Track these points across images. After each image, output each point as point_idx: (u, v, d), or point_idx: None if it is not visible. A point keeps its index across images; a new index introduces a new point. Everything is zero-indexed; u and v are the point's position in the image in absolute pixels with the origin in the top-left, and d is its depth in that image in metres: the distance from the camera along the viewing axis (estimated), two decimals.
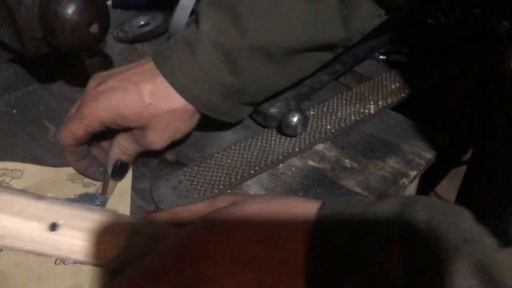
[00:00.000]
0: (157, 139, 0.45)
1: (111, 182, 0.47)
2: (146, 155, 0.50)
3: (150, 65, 0.45)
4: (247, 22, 0.44)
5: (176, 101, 0.44)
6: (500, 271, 0.24)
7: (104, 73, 0.47)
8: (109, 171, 0.47)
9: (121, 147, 0.46)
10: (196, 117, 0.47)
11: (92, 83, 0.46)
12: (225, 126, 0.55)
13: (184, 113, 0.45)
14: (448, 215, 0.28)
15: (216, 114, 0.47)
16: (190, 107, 0.45)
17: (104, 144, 0.49)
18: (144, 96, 0.43)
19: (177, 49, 0.45)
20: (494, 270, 0.24)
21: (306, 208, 0.32)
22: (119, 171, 0.47)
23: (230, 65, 0.44)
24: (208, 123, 0.55)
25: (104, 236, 0.34)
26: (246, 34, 0.44)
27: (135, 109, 0.43)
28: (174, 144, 0.49)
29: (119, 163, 0.47)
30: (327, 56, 0.51)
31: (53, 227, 0.32)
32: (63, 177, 0.48)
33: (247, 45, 0.44)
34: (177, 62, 0.44)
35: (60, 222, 0.33)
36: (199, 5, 0.46)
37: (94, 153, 0.49)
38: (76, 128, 0.44)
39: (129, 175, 0.48)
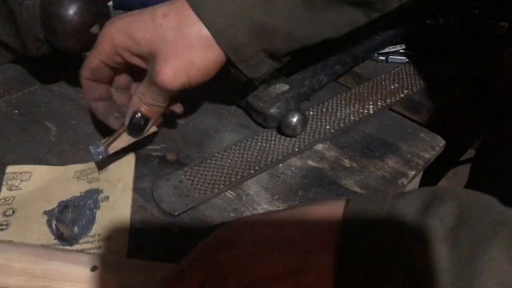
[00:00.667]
0: (167, 70, 0.41)
1: (123, 137, 0.44)
2: (146, 155, 0.50)
3: None
4: None
5: (192, 27, 0.40)
6: None
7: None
8: (126, 121, 0.44)
9: (140, 95, 0.44)
10: (214, 57, 0.42)
11: (112, 19, 0.44)
12: (225, 126, 0.56)
13: (198, 39, 0.41)
14: (479, 201, 0.28)
15: (237, 56, 0.43)
16: (208, 38, 0.41)
17: (129, 89, 0.48)
18: (157, 17, 0.41)
19: None
20: None
21: (331, 208, 0.31)
22: (136, 124, 0.44)
23: (265, 1, 0.41)
24: (208, 124, 0.56)
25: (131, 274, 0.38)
26: None
27: (145, 30, 0.40)
28: (171, 145, 0.49)
29: (138, 114, 0.44)
30: (361, 18, 0.47)
31: (94, 268, 0.37)
32: (69, 175, 0.48)
33: None
34: None
35: (97, 264, 0.38)
36: None
37: (117, 99, 0.47)
38: (92, 58, 0.42)
39: (131, 168, 0.49)
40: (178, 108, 0.50)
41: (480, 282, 0.23)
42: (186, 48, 0.41)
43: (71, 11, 0.45)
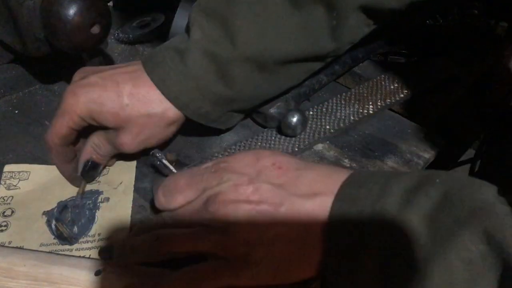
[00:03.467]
0: (128, 141, 0.45)
1: (83, 182, 0.47)
2: (146, 155, 0.50)
3: (136, 68, 0.45)
4: (238, 32, 0.44)
5: (154, 106, 0.44)
6: (509, 241, 0.26)
7: (89, 68, 0.47)
8: (79, 170, 0.46)
9: (94, 146, 0.46)
10: (173, 127, 0.47)
11: (76, 76, 0.46)
12: None
13: (161, 119, 0.45)
14: (465, 187, 0.30)
15: (206, 121, 0.47)
16: (168, 114, 0.45)
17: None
18: (123, 96, 0.43)
19: (168, 56, 0.45)
20: (504, 237, 0.26)
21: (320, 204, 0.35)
22: (88, 170, 0.46)
23: (221, 75, 0.45)
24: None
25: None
26: (237, 44, 0.44)
27: (112, 108, 0.43)
28: (171, 145, 0.49)
29: (89, 162, 0.46)
30: (317, 65, 0.52)
31: (97, 273, 0.38)
32: None
33: (238, 55, 0.44)
34: (167, 69, 0.44)
35: (101, 269, 0.38)
36: (191, 13, 0.46)
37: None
38: (59, 125, 0.44)
39: (132, 172, 0.49)
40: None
41: (447, 258, 0.28)
42: (149, 125, 0.45)
43: (72, 11, 0.45)
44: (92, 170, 0.47)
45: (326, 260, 0.35)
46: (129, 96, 0.43)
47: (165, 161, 0.46)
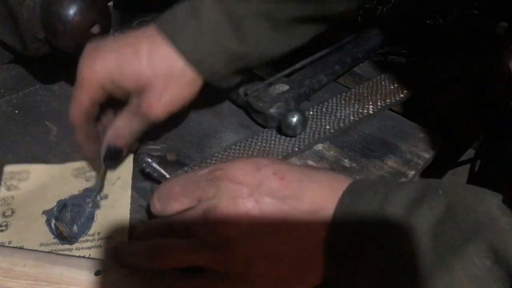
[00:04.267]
0: (154, 103, 0.43)
1: (103, 170, 0.46)
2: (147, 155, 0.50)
3: (150, 29, 0.44)
4: None
5: (173, 64, 0.43)
6: None
7: (99, 40, 0.46)
8: (102, 155, 0.45)
9: (116, 128, 0.45)
10: (194, 86, 0.45)
11: (87, 49, 0.44)
12: (225, 126, 0.56)
13: (182, 78, 0.44)
14: (468, 199, 0.30)
15: (215, 79, 0.46)
16: (189, 71, 0.44)
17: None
18: (141, 57, 0.42)
19: (181, 13, 0.44)
20: (509, 251, 0.26)
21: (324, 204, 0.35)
22: (111, 156, 0.45)
23: (235, 29, 0.44)
24: (208, 124, 0.56)
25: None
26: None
27: (132, 70, 0.42)
28: (172, 145, 0.49)
29: (112, 148, 0.45)
30: (324, 27, 0.51)
31: (97, 273, 0.38)
32: (67, 174, 0.48)
33: (252, 10, 0.44)
34: (181, 25, 0.43)
35: (101, 269, 0.38)
36: None
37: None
38: (79, 98, 0.43)
39: (129, 166, 0.49)
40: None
41: (452, 271, 0.27)
42: (172, 83, 0.43)
43: (71, 11, 0.45)
44: (114, 157, 0.46)
45: (326, 268, 0.34)
46: (148, 56, 0.43)
47: (155, 165, 0.45)
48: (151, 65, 0.43)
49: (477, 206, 0.29)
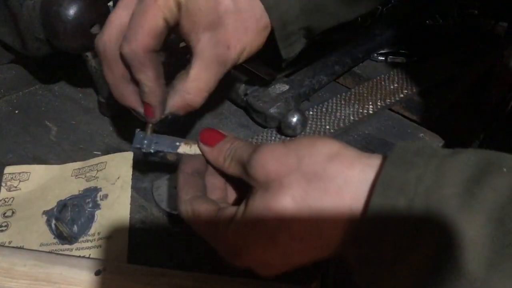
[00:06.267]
0: (233, 41, 0.39)
1: (150, 127, 0.40)
2: (147, 155, 0.51)
3: None
4: None
5: (257, 8, 0.40)
6: None
7: None
8: (158, 118, 0.40)
9: (185, 94, 0.39)
10: (264, 33, 0.42)
11: None
12: (225, 126, 0.56)
13: (259, 22, 0.40)
14: None
15: (281, 33, 0.43)
16: (263, 17, 0.40)
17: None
18: None
19: None
20: None
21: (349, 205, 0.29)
22: (169, 123, 0.41)
23: None
24: (208, 124, 0.56)
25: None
26: None
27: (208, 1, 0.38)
28: None
29: (170, 116, 0.40)
30: None
31: (97, 273, 0.38)
32: (67, 174, 0.48)
33: None
34: None
35: (101, 269, 0.38)
36: None
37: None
38: (153, 18, 0.35)
39: (129, 165, 0.49)
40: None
41: None
42: (251, 26, 0.40)
43: (72, 11, 0.45)
44: (170, 125, 0.42)
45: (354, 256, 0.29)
46: None
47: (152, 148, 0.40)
48: (228, 2, 0.38)
49: None
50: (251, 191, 0.32)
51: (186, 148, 0.38)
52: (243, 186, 0.34)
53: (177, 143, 0.39)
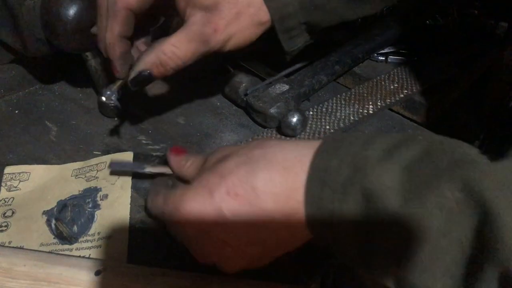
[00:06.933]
0: (222, 26, 0.40)
1: (120, 82, 0.43)
2: (147, 155, 0.50)
3: None
4: None
5: (254, 0, 0.41)
6: (487, 188, 0.26)
7: None
8: (130, 76, 0.42)
9: (162, 54, 0.41)
10: (261, 28, 0.43)
11: None
12: (225, 126, 0.56)
13: (255, 15, 0.42)
14: (446, 144, 0.30)
15: (281, 25, 0.44)
16: (262, 12, 0.42)
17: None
18: None
19: None
20: (482, 184, 0.26)
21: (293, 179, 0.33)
22: (139, 81, 0.42)
23: None
24: (208, 124, 0.56)
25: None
26: None
27: None
28: (175, 143, 0.49)
29: (146, 72, 0.41)
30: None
31: (97, 273, 0.38)
32: (67, 174, 0.48)
33: None
34: None
35: (101, 269, 0.38)
36: None
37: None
38: (119, 4, 0.40)
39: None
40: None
41: (425, 202, 0.27)
42: (245, 17, 0.41)
43: (72, 11, 0.45)
44: (142, 82, 0.42)
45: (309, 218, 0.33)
46: None
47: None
48: None
49: (454, 149, 0.30)
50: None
51: (151, 169, 0.46)
52: None
53: (145, 165, 0.46)
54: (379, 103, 0.58)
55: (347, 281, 0.40)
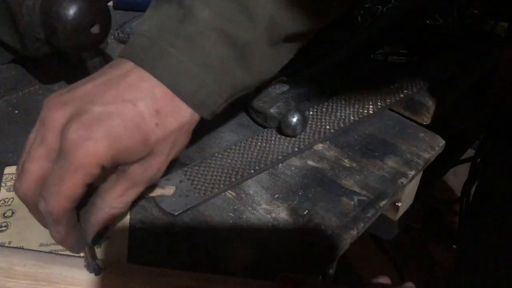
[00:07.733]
0: (163, 163, 0.37)
1: (88, 249, 0.38)
2: None
3: (134, 71, 0.35)
4: (253, 4, 0.37)
5: (184, 113, 0.36)
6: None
7: (65, 96, 0.35)
8: (89, 238, 0.37)
9: (112, 207, 0.37)
10: (193, 127, 0.39)
11: (56, 114, 0.34)
12: (225, 126, 0.56)
13: (190, 125, 0.38)
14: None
15: (212, 116, 0.40)
16: (196, 116, 0.38)
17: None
18: (147, 116, 0.34)
19: (171, 44, 0.35)
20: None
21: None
22: (100, 236, 0.38)
23: (241, 59, 0.37)
24: (208, 124, 0.56)
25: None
26: (255, 20, 0.37)
27: (140, 136, 0.34)
28: None
29: (103, 229, 0.38)
30: (312, 36, 0.46)
31: (97, 273, 0.38)
32: None
33: (258, 33, 0.38)
34: (176, 61, 0.35)
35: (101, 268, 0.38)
36: None
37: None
38: (73, 185, 0.32)
39: None
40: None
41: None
42: (181, 137, 0.38)
43: (71, 11, 0.45)
44: (102, 235, 0.38)
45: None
46: (155, 113, 0.35)
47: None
48: (162, 125, 0.35)
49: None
50: None
51: None
52: None
53: None
54: (379, 103, 0.58)
55: (347, 279, 0.40)
